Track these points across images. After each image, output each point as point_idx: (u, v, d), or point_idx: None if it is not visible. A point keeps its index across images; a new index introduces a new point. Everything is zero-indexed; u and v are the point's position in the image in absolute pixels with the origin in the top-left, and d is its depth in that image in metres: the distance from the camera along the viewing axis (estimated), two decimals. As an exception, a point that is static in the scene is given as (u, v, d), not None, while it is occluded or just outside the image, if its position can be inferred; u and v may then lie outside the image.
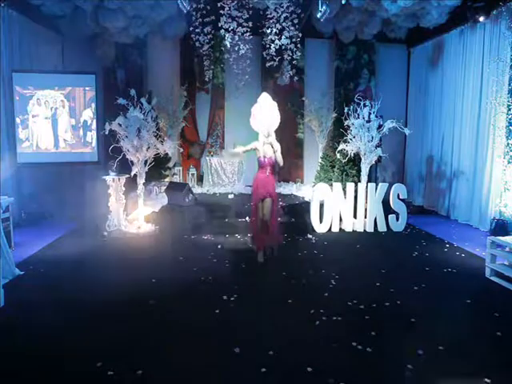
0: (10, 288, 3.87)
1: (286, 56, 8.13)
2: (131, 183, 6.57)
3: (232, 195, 8.15)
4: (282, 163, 5.04)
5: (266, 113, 5.01)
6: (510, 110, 6.07)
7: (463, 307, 3.79)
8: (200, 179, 9.25)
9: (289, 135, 9.67)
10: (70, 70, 7.79)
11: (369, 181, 6.84)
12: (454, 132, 7.71)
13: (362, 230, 6.57)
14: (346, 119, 6.83)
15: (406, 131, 6.65)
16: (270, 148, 4.90)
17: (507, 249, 4.49)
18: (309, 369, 2.72)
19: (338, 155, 7.21)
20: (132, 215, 6.69)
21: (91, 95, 7.20)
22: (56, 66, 8.00)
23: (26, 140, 6.87)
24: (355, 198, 6.53)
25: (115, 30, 7.49)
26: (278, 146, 4.96)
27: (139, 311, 3.56)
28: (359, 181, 6.95)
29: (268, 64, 8.27)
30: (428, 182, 8.66)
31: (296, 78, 8.81)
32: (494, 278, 4.49)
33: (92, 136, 7.24)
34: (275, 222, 5.05)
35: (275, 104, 5.15)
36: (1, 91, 6.42)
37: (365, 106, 6.66)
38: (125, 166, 6.33)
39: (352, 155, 6.85)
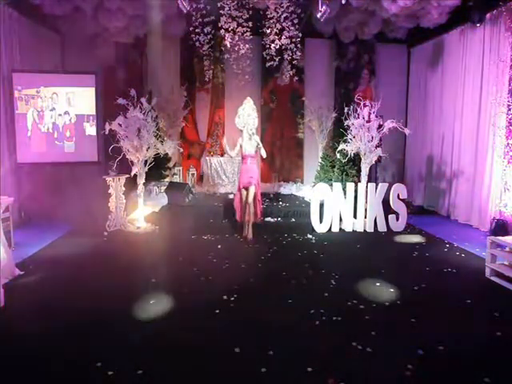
0: (10, 288, 3.88)
1: (286, 56, 8.13)
2: (131, 183, 6.57)
3: (232, 195, 8.15)
4: (265, 155, 6.10)
5: (250, 114, 6.05)
6: (510, 110, 6.07)
7: (463, 307, 3.79)
8: (200, 179, 9.25)
9: (289, 135, 9.68)
10: (70, 70, 7.79)
11: (369, 181, 6.84)
12: (454, 132, 7.71)
13: (362, 230, 6.57)
14: (346, 119, 6.83)
15: (406, 131, 6.64)
16: (254, 144, 5.93)
17: (507, 249, 4.49)
18: (309, 369, 2.72)
19: (338, 155, 7.21)
20: (132, 215, 6.69)
21: (91, 95, 7.20)
22: (56, 66, 8.00)
23: (25, 140, 6.87)
24: (355, 197, 6.53)
25: (115, 30, 7.48)
26: (260, 143, 6.04)
27: (139, 311, 3.56)
28: (359, 181, 6.94)
29: (268, 64, 8.27)
30: (428, 182, 8.66)
31: (296, 78, 8.82)
32: (494, 278, 4.48)
33: (92, 136, 7.24)
34: (258, 204, 6.10)
35: (255, 108, 6.29)
36: (1, 91, 6.42)
37: (365, 105, 6.66)
38: (125, 166, 6.33)
39: (352, 155, 6.85)
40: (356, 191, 6.53)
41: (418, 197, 8.96)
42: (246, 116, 6.02)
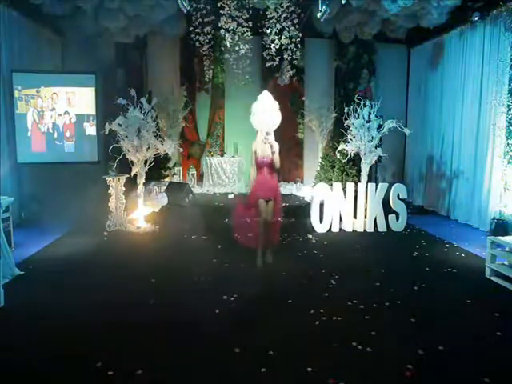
0: (10, 288, 3.87)
1: (286, 56, 8.14)
2: (131, 183, 6.57)
3: (232, 195, 8.16)
4: (278, 165, 4.82)
5: (266, 111, 4.81)
6: (510, 109, 6.07)
7: (463, 307, 3.79)
8: (200, 179, 9.25)
9: (289, 135, 9.67)
10: (70, 70, 7.79)
11: (369, 181, 6.83)
12: (454, 132, 7.70)
13: (362, 230, 6.56)
14: (346, 119, 6.83)
15: (406, 131, 6.64)
16: (268, 148, 4.73)
17: (507, 249, 4.49)
18: (309, 369, 2.72)
19: (338, 155, 7.21)
20: (132, 215, 6.69)
21: (91, 95, 7.20)
22: (56, 66, 8.00)
23: (25, 140, 6.87)
24: (355, 198, 6.53)
25: (115, 30, 7.49)
26: (276, 147, 4.77)
27: (139, 311, 3.56)
28: (359, 181, 6.94)
29: (268, 64, 8.28)
30: (428, 181, 8.66)
31: (296, 78, 8.82)
32: (493, 278, 4.48)
33: (92, 136, 7.24)
34: (277, 222, 4.98)
35: (276, 104, 4.91)
36: (1, 91, 6.41)
37: (365, 105, 6.66)
38: (125, 166, 6.33)
39: (352, 155, 6.85)
40: (356, 191, 6.53)
41: (417, 197, 8.96)
42: (261, 113, 4.79)
